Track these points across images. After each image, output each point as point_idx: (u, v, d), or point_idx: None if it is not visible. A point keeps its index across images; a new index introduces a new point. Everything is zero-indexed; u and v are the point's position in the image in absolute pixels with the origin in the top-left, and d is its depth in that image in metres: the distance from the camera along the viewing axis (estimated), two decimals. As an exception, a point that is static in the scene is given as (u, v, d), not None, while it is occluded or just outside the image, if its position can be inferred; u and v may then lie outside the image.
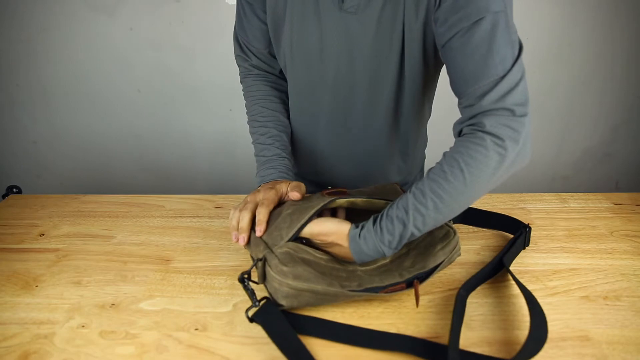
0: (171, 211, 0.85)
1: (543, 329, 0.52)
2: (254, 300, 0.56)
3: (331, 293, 0.56)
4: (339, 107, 0.79)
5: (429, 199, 0.57)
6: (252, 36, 0.81)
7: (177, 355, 0.52)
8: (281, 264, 0.56)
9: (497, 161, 0.56)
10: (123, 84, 1.73)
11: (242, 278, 0.56)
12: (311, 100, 0.80)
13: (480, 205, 0.84)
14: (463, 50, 0.59)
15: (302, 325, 0.56)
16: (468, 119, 0.60)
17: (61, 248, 0.74)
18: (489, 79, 0.57)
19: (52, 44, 1.67)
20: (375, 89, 0.76)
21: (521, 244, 0.70)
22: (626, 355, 0.51)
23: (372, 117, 0.79)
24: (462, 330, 0.54)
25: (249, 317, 0.55)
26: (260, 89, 0.84)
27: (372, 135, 0.82)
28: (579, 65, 1.72)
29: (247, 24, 0.79)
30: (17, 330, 0.56)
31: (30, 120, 1.81)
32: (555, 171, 1.91)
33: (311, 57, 0.75)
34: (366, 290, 0.57)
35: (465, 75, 0.59)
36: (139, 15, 1.61)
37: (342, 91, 0.77)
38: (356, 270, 0.60)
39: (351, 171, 0.88)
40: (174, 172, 1.89)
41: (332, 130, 0.82)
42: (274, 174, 0.74)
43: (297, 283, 0.55)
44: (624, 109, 1.80)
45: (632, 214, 0.81)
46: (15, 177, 1.91)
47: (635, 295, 0.61)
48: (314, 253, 0.60)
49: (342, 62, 0.74)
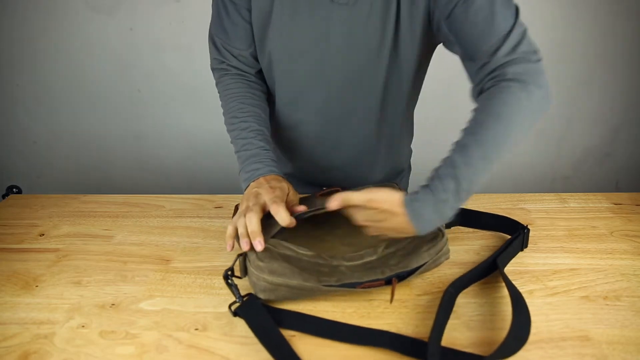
0: (171, 211, 0.85)
1: (525, 328, 0.52)
2: (237, 295, 0.58)
3: (307, 288, 0.57)
4: (332, 98, 0.79)
5: (473, 150, 0.57)
6: (234, 37, 0.78)
7: (177, 355, 0.52)
8: (258, 260, 0.58)
9: (526, 103, 0.59)
10: (123, 84, 1.73)
11: (226, 274, 0.59)
12: (303, 93, 0.80)
13: (480, 205, 0.84)
14: (467, 16, 0.63)
15: (284, 319, 0.57)
16: (486, 76, 0.63)
17: (61, 248, 0.74)
18: (497, 36, 0.61)
19: (52, 44, 1.67)
20: (369, 79, 0.77)
21: (519, 245, 0.70)
22: (626, 355, 0.51)
23: (365, 106, 0.80)
24: (461, 331, 0.55)
25: (232, 312, 0.57)
26: (239, 87, 0.81)
27: (362, 126, 0.83)
28: (579, 65, 1.71)
29: (230, 24, 0.77)
30: (17, 330, 0.56)
31: (30, 121, 1.81)
32: (555, 171, 1.91)
33: (304, 51, 0.76)
34: (344, 285, 0.58)
35: (474, 38, 0.63)
36: (139, 15, 1.61)
37: (336, 82, 0.78)
38: (340, 266, 0.61)
39: (341, 161, 0.88)
40: (174, 172, 1.89)
41: (323, 121, 0.83)
42: (262, 168, 0.71)
43: (272, 278, 0.57)
44: (624, 109, 1.79)
45: (632, 214, 0.81)
46: (15, 177, 1.91)
47: (635, 295, 0.61)
48: (295, 249, 0.61)
49: (336, 54, 0.75)
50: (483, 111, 0.60)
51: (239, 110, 0.78)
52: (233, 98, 0.80)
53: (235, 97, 0.80)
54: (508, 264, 0.68)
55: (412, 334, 0.55)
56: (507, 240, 0.69)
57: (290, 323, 0.56)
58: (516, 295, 0.57)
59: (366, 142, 0.86)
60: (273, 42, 0.76)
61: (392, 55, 0.74)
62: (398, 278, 0.60)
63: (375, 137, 0.85)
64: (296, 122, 0.84)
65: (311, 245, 0.64)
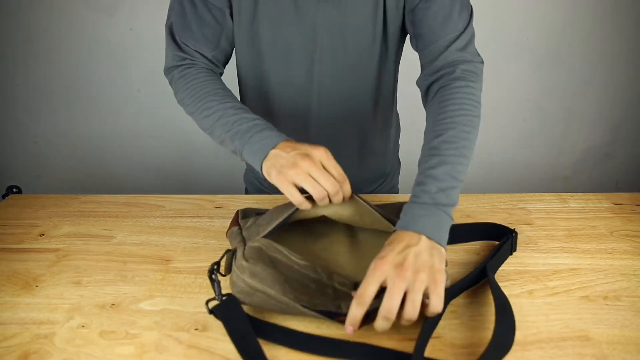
0: (171, 211, 0.85)
1: (509, 337, 0.50)
2: (217, 292, 0.54)
3: (283, 302, 0.53)
4: (324, 96, 0.80)
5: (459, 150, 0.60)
6: (199, 36, 0.73)
7: (177, 355, 0.52)
8: (243, 259, 0.55)
9: (475, 101, 0.66)
10: (123, 84, 1.73)
11: (211, 269, 0.55)
12: (295, 94, 0.80)
13: (480, 205, 0.84)
14: (428, 12, 0.70)
15: (261, 326, 0.53)
16: (436, 72, 0.71)
17: (61, 248, 0.74)
18: (452, 34, 0.70)
19: (52, 44, 1.67)
20: (360, 74, 0.79)
21: (507, 249, 0.68)
22: (626, 355, 0.51)
23: (357, 101, 0.82)
24: (461, 330, 0.54)
25: (208, 309, 0.53)
26: (211, 75, 0.74)
27: (356, 124, 0.85)
28: (579, 65, 1.72)
29: (196, 22, 0.72)
30: (17, 330, 0.56)
31: (31, 120, 1.81)
32: (555, 171, 1.91)
33: (293, 51, 0.76)
34: (322, 312, 0.52)
35: (432, 31, 0.70)
36: (139, 15, 1.61)
37: (327, 80, 0.79)
38: (330, 286, 0.55)
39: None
40: (174, 172, 1.89)
41: (316, 121, 0.83)
42: (275, 136, 0.62)
43: (251, 281, 0.53)
44: (624, 109, 1.80)
45: (632, 214, 0.81)
46: (15, 177, 1.91)
47: (635, 295, 0.61)
48: (289, 255, 0.57)
49: (325, 52, 0.76)
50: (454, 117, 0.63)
51: (216, 94, 0.70)
52: (207, 84, 0.72)
53: (209, 82, 0.72)
54: (499, 268, 0.66)
55: (395, 347, 0.53)
56: (496, 247, 0.67)
57: (266, 331, 0.53)
58: (502, 304, 0.54)
59: (360, 138, 0.87)
60: (258, 44, 0.76)
61: (384, 47, 0.78)
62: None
63: (371, 133, 0.86)
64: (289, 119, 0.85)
65: (310, 253, 0.63)
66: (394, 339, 0.54)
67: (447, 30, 0.69)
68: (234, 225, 0.67)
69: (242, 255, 0.55)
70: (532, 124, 1.81)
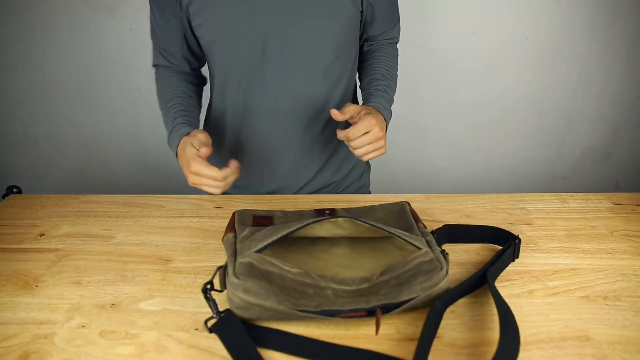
0: (171, 211, 0.85)
1: (513, 349, 0.49)
2: (214, 310, 0.55)
3: (280, 311, 0.53)
4: (282, 79, 0.85)
5: (391, 87, 0.91)
6: (165, 40, 0.89)
7: (177, 355, 0.52)
8: (234, 275, 0.55)
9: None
10: (123, 84, 1.73)
11: (205, 288, 0.55)
12: (255, 80, 0.86)
13: (480, 205, 0.84)
14: (381, 6, 0.90)
15: (262, 336, 0.54)
16: (371, 44, 0.97)
17: (61, 248, 0.74)
18: (393, 24, 0.95)
19: (53, 44, 1.67)
20: (319, 56, 0.85)
21: (510, 255, 0.67)
22: (626, 355, 0.51)
23: (315, 82, 0.87)
24: (461, 330, 0.54)
25: (208, 328, 0.54)
26: (174, 79, 0.92)
27: (318, 108, 0.90)
28: (579, 65, 1.72)
29: (159, 29, 0.88)
30: (17, 330, 0.56)
31: (31, 120, 1.82)
32: (555, 171, 1.91)
33: (251, 35, 0.82)
34: (322, 312, 0.53)
35: (380, 20, 0.92)
36: (139, 15, 1.61)
37: (285, 59, 0.84)
38: (327, 288, 0.56)
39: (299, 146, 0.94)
40: (174, 172, 1.89)
41: (276, 106, 0.88)
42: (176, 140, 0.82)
43: (246, 296, 0.53)
44: (624, 109, 1.80)
45: (632, 214, 0.81)
46: (15, 177, 1.91)
47: (635, 295, 0.61)
48: (281, 265, 0.57)
49: (284, 34, 0.82)
50: (390, 61, 0.95)
51: (169, 100, 0.89)
52: (168, 88, 0.91)
53: (170, 86, 0.91)
54: (499, 275, 0.65)
55: (395, 347, 0.53)
56: (498, 252, 0.66)
57: (268, 341, 0.53)
58: (504, 312, 0.53)
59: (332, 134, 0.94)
60: (216, 33, 0.83)
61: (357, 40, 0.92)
62: (385, 310, 0.53)
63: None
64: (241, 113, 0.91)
65: (302, 262, 0.63)
66: (394, 338, 0.54)
67: (387, 21, 0.94)
68: (230, 231, 0.67)
69: (233, 273, 0.56)
70: (532, 124, 1.81)
